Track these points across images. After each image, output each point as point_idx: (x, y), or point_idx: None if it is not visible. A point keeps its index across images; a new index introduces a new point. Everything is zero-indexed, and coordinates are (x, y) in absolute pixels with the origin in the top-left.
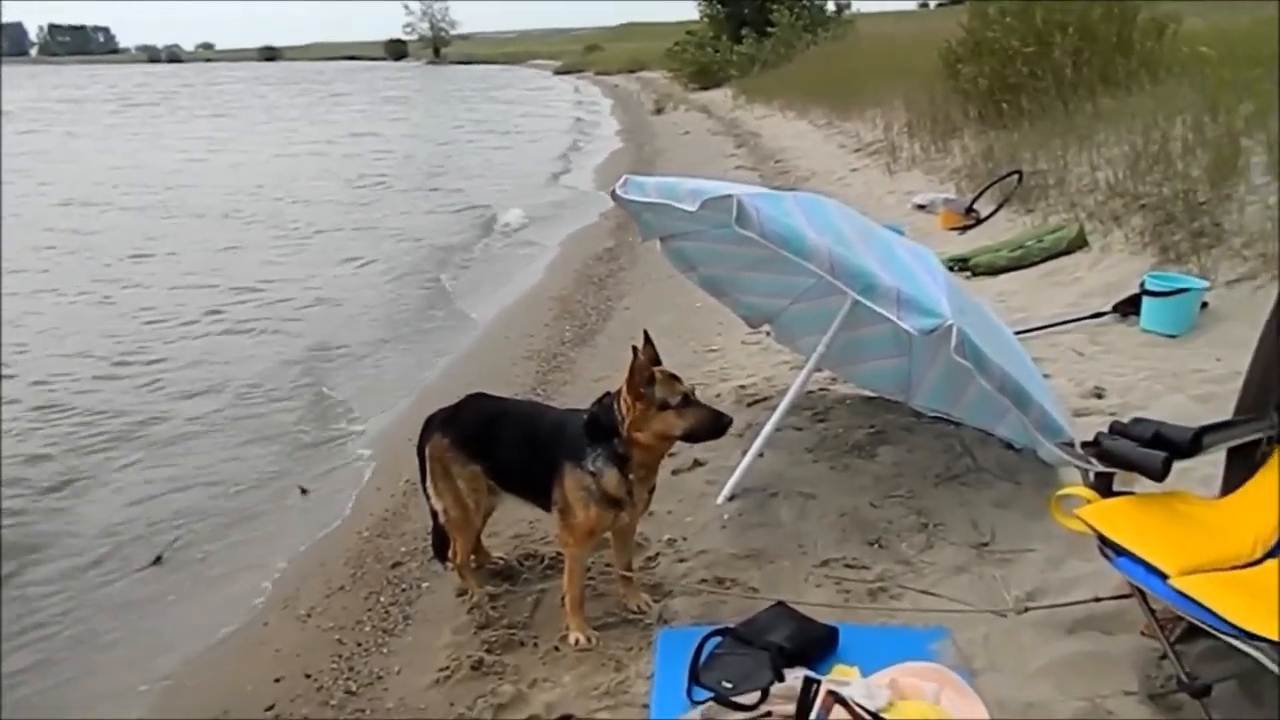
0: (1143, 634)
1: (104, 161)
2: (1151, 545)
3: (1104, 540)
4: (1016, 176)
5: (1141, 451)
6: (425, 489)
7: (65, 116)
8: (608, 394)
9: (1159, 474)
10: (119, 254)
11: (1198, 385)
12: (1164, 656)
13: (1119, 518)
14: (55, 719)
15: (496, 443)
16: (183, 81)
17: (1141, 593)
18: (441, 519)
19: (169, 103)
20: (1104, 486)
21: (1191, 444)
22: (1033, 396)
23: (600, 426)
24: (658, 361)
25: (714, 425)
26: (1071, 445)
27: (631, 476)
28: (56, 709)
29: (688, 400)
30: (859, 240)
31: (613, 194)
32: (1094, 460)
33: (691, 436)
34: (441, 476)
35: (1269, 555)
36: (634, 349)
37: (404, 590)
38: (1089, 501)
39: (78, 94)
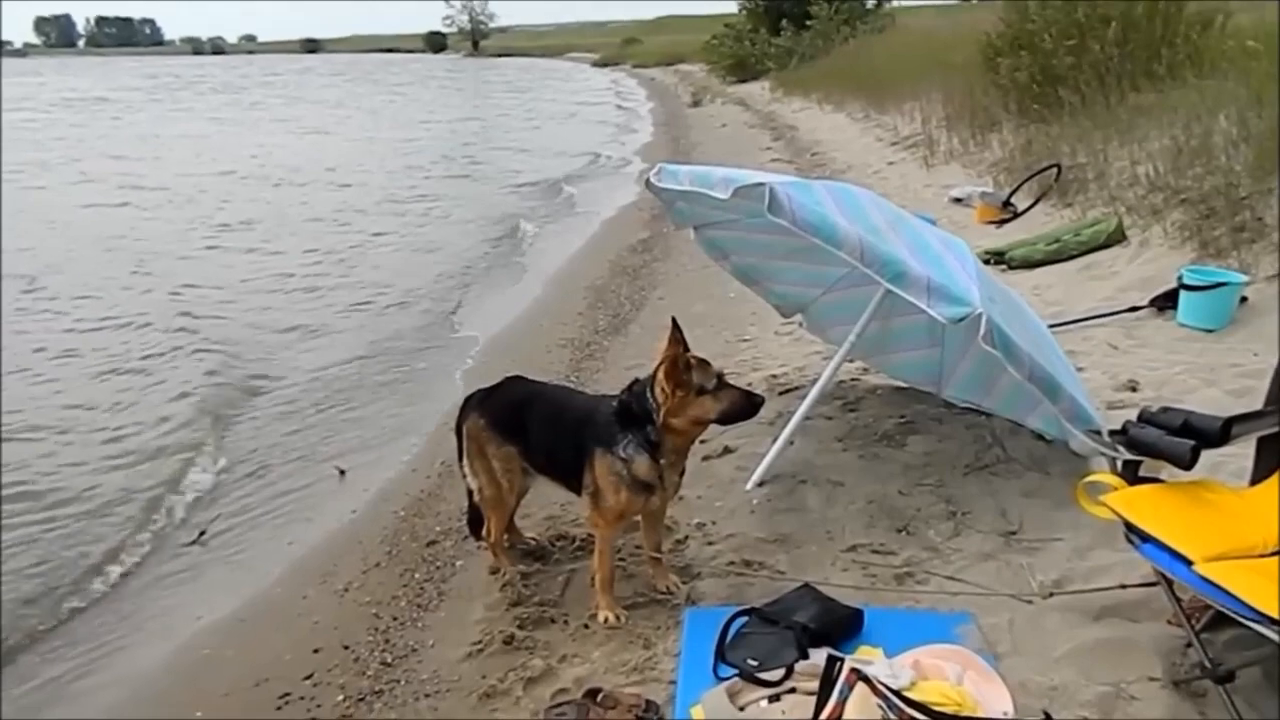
0: (1169, 623)
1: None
2: (1177, 532)
3: (1130, 527)
4: (1055, 170)
5: (1169, 440)
6: (461, 467)
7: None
8: (637, 380)
9: (1187, 462)
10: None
11: (1233, 379)
12: (1189, 644)
13: (1145, 505)
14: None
15: (530, 425)
16: (252, 73)
17: (1167, 580)
18: (476, 497)
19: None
20: (1131, 474)
21: (1220, 433)
22: (1063, 386)
23: (632, 413)
24: (686, 347)
25: (747, 405)
26: (1099, 433)
27: (663, 462)
28: (95, 679)
29: (721, 383)
30: (889, 228)
31: (647, 183)
32: (1121, 448)
33: (726, 418)
34: (477, 456)
35: None
36: (671, 334)
37: (438, 568)
38: (1115, 489)
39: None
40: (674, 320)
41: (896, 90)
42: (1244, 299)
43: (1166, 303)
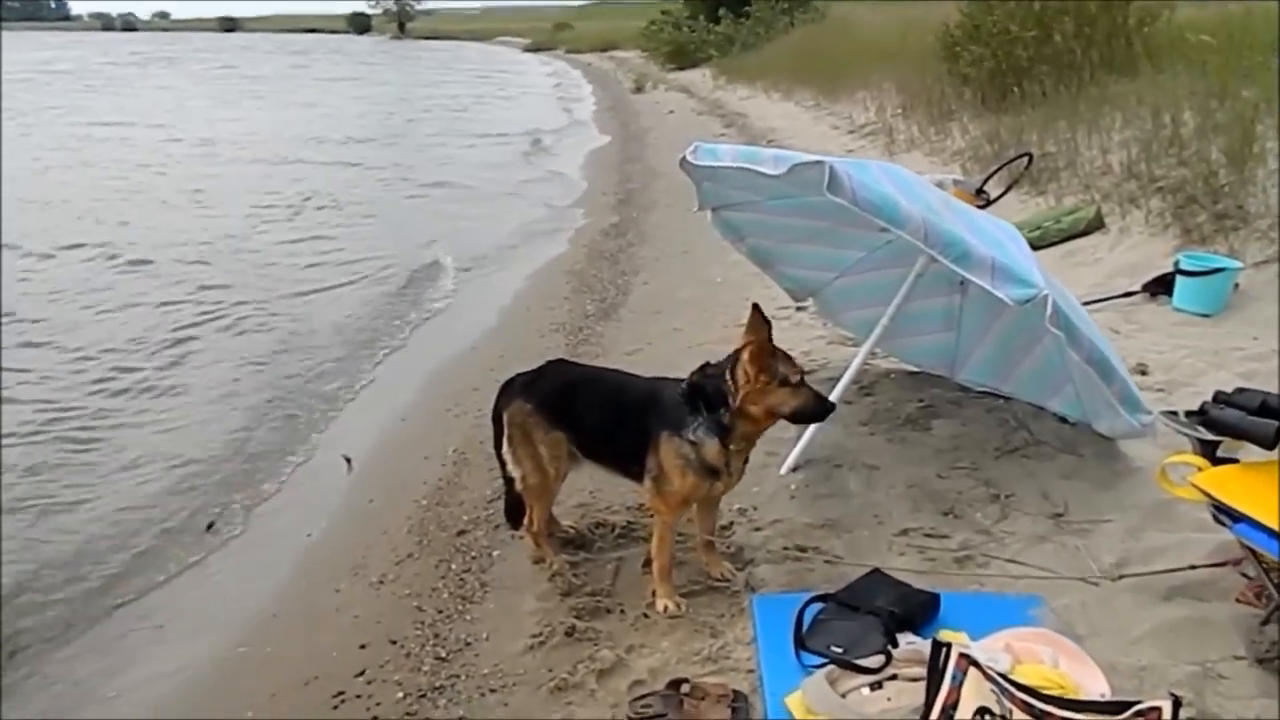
0: (1237, 601)
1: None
2: (1275, 512)
3: (1220, 507)
4: (1027, 158)
5: (1251, 420)
6: (501, 454)
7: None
8: (708, 364)
9: (1270, 442)
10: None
11: (1239, 363)
12: (1265, 622)
13: (1236, 485)
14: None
15: (582, 409)
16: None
17: (1257, 557)
18: (518, 485)
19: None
20: (1211, 455)
21: None
22: (1116, 369)
23: (705, 396)
24: (770, 335)
25: (819, 408)
26: (1175, 414)
27: (732, 448)
28: (126, 679)
29: (803, 380)
30: (944, 208)
31: (682, 160)
32: (1202, 429)
33: (797, 416)
34: (522, 443)
35: None
36: (754, 319)
37: (474, 558)
38: (1199, 470)
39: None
40: (756, 306)
41: (845, 80)
42: (1236, 285)
43: (1159, 288)
